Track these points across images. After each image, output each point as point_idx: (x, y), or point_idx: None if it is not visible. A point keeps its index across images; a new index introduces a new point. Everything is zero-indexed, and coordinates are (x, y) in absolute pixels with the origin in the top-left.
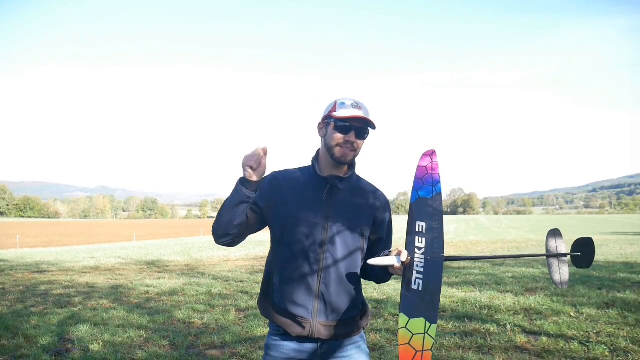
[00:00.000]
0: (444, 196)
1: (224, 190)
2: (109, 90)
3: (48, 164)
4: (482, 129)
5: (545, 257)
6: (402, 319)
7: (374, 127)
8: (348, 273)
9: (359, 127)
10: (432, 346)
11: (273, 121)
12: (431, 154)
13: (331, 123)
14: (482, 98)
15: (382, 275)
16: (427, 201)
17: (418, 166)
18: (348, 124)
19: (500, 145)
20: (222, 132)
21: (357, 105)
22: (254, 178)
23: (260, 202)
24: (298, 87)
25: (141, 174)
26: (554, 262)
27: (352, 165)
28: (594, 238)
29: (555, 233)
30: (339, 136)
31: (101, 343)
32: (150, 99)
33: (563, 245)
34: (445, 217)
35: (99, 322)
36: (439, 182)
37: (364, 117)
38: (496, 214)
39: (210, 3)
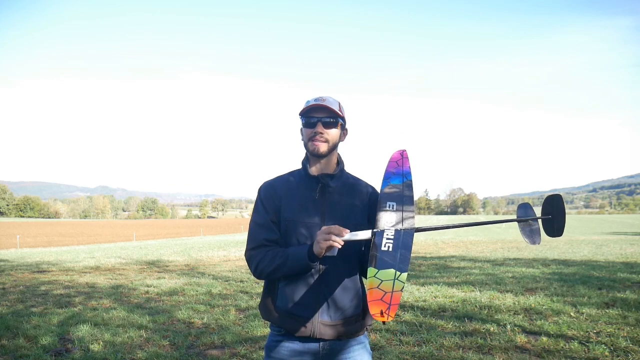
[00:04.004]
0: (443, 196)
1: (224, 190)
2: (108, 91)
3: (48, 164)
4: (482, 129)
5: (517, 223)
6: (371, 271)
7: (336, 116)
8: (348, 270)
9: (325, 118)
10: (402, 288)
11: (270, 123)
12: (402, 152)
13: (301, 122)
14: (482, 97)
15: None
16: (397, 186)
17: (389, 162)
18: (314, 118)
19: (500, 146)
20: (222, 133)
21: (319, 99)
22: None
23: (271, 217)
24: (296, 92)
25: (141, 174)
26: (526, 227)
27: (339, 162)
28: (594, 238)
29: (525, 206)
30: (308, 131)
31: (101, 343)
32: (150, 100)
33: (533, 215)
34: (445, 217)
35: (100, 322)
36: (409, 172)
37: (322, 105)
38: (496, 214)
39: (212, 8)
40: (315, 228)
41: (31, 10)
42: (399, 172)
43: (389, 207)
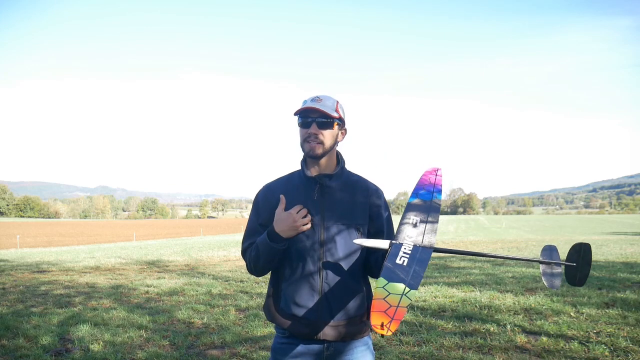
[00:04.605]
0: (443, 196)
1: (224, 190)
2: (108, 91)
3: (48, 164)
4: (482, 129)
5: (539, 264)
6: (380, 281)
7: (330, 118)
8: (350, 270)
9: (319, 118)
10: (408, 305)
11: (270, 123)
12: (436, 170)
13: (297, 122)
14: (482, 97)
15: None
16: (425, 202)
17: (421, 177)
18: (309, 119)
19: (500, 146)
20: (222, 133)
21: (315, 99)
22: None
23: (264, 220)
24: (296, 92)
25: (141, 174)
26: (547, 269)
27: (340, 160)
28: (594, 238)
29: (551, 248)
30: (302, 131)
31: (101, 343)
32: (150, 100)
33: (557, 258)
34: (445, 217)
35: (100, 322)
36: (440, 191)
37: (315, 108)
38: (496, 214)
39: (212, 8)
40: (316, 228)
41: (31, 10)
42: (429, 189)
43: (412, 221)
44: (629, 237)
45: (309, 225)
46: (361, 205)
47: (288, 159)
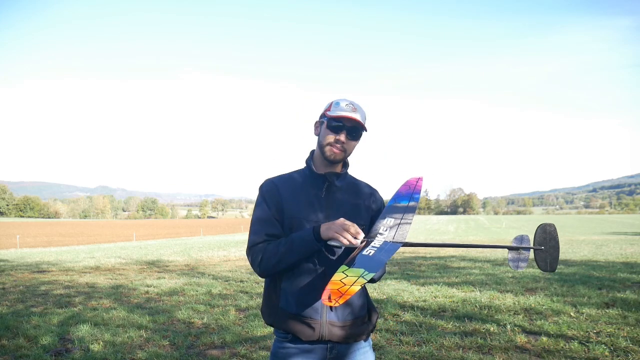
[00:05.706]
0: (443, 196)
1: (224, 190)
2: (108, 91)
3: (48, 164)
4: (482, 129)
5: (507, 250)
6: (342, 267)
7: (365, 130)
8: None
9: (351, 128)
10: (363, 285)
11: (270, 123)
12: (418, 179)
13: (324, 122)
14: (482, 97)
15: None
16: (402, 205)
17: (403, 184)
18: (340, 124)
19: (500, 146)
20: (221, 133)
21: (351, 106)
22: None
23: (273, 212)
24: (297, 92)
25: (141, 174)
26: (515, 254)
27: (345, 164)
28: (594, 238)
29: (522, 237)
30: (330, 135)
31: (101, 343)
32: (150, 100)
33: (528, 244)
34: (445, 217)
35: (100, 322)
36: (418, 196)
37: (354, 118)
38: (496, 214)
39: (212, 8)
40: None
41: (31, 10)
42: (408, 194)
43: (388, 221)
44: (629, 237)
45: (354, 241)
46: (364, 207)
47: (288, 159)
